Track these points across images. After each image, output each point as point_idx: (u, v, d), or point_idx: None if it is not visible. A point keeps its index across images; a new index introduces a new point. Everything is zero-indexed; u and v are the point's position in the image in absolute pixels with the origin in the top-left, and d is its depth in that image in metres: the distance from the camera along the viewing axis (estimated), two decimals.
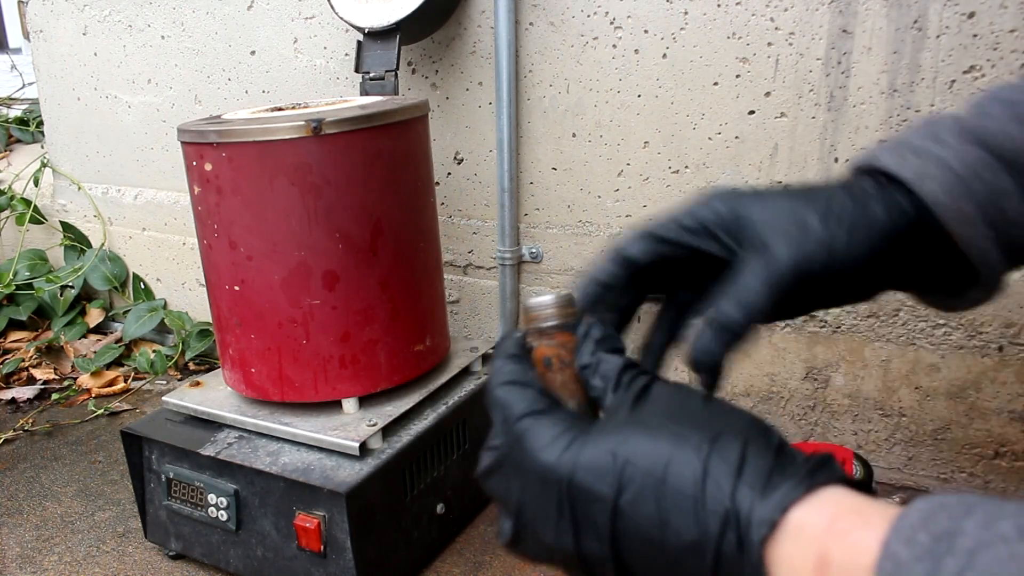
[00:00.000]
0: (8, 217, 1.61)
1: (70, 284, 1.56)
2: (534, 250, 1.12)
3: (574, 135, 1.05)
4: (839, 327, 0.96)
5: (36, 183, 1.62)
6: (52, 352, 1.50)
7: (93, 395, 1.37)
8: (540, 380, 0.40)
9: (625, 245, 0.42)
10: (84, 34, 1.45)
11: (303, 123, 0.74)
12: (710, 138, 0.97)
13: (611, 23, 0.99)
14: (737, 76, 0.94)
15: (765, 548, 0.30)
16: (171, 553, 0.91)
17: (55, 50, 1.50)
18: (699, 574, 0.31)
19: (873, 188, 0.42)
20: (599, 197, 1.06)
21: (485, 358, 0.99)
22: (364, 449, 0.79)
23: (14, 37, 2.07)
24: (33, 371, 1.45)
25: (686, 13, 0.95)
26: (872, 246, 0.40)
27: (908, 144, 0.42)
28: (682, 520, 0.31)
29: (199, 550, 0.87)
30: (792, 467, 0.32)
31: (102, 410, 1.30)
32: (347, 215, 0.78)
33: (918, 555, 0.26)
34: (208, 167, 0.77)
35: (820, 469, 0.32)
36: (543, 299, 0.41)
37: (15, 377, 1.44)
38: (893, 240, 0.41)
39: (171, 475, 0.86)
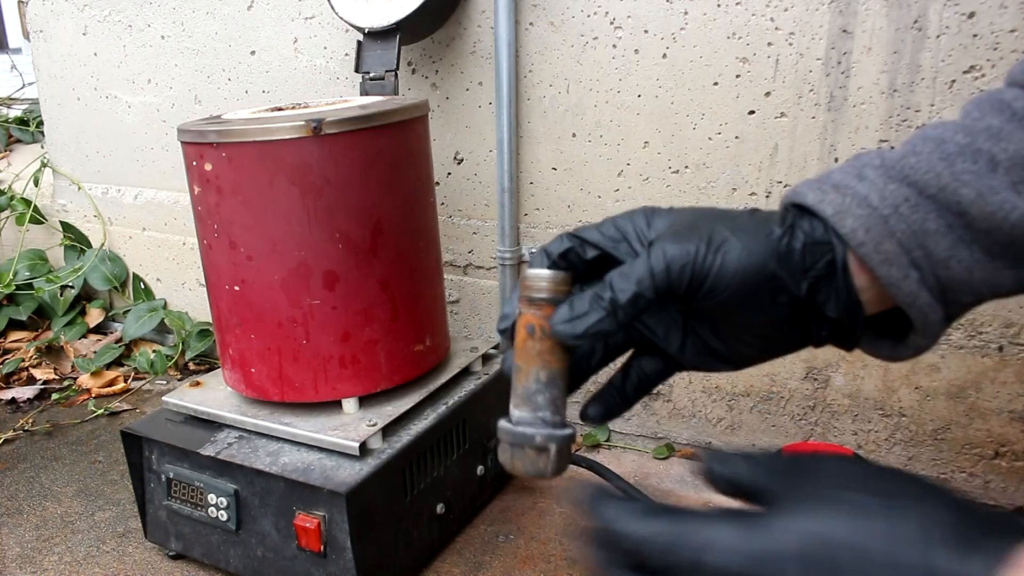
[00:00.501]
0: (8, 217, 1.61)
1: (70, 284, 1.56)
2: (534, 250, 1.12)
3: (574, 135, 1.05)
4: None
5: (36, 183, 1.62)
6: (52, 352, 1.50)
7: (93, 395, 1.37)
8: (519, 348, 0.42)
9: (549, 244, 0.44)
10: (84, 34, 1.45)
11: (303, 123, 0.74)
12: (710, 138, 0.97)
13: (611, 23, 0.99)
14: (737, 76, 0.94)
15: None
16: (171, 553, 0.91)
17: (55, 50, 1.50)
18: None
19: (781, 214, 0.42)
20: (599, 197, 1.06)
21: (485, 358, 0.99)
22: (364, 449, 0.79)
23: (14, 37, 2.07)
24: (33, 371, 1.45)
25: (686, 13, 0.95)
26: (760, 260, 0.40)
27: (831, 179, 0.42)
28: None
29: (199, 550, 0.87)
30: (989, 528, 0.30)
31: (102, 410, 1.30)
32: (347, 215, 0.78)
33: None
34: (208, 167, 0.77)
35: (1010, 527, 0.30)
36: (540, 272, 0.43)
37: (15, 377, 1.44)
38: (794, 265, 0.40)
39: (171, 475, 0.86)
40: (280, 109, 0.86)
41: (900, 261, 0.39)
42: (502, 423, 0.43)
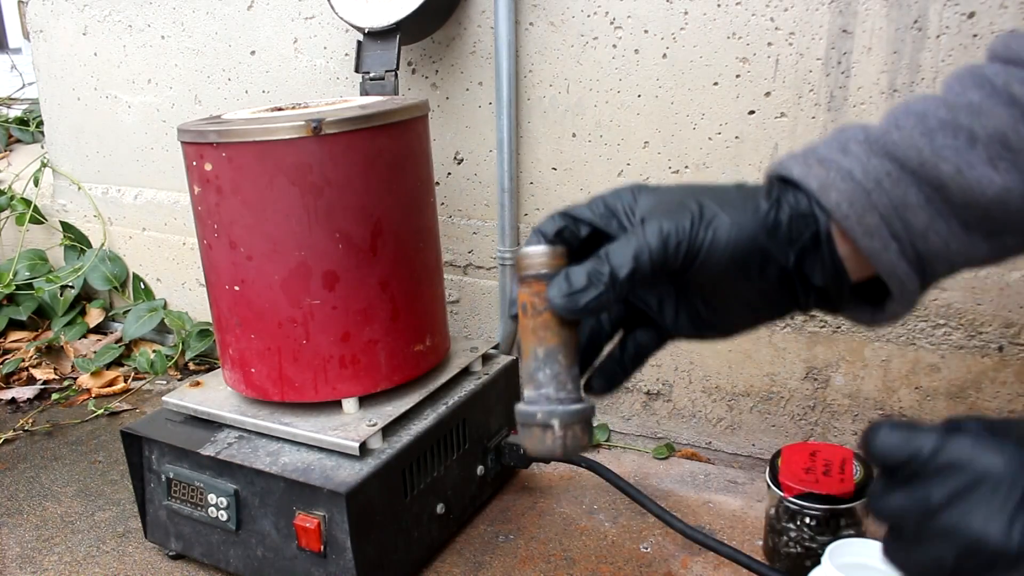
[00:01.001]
0: (8, 217, 1.61)
1: (70, 284, 1.56)
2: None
3: (574, 135, 1.05)
4: (839, 327, 0.96)
5: (36, 183, 1.62)
6: (52, 352, 1.50)
7: (93, 395, 1.37)
8: (520, 328, 0.44)
9: (542, 224, 0.45)
10: (84, 34, 1.45)
11: (303, 123, 0.74)
12: (710, 138, 0.97)
13: (611, 23, 0.99)
14: (737, 76, 0.94)
15: None
16: (171, 553, 0.91)
17: (55, 50, 1.50)
18: None
19: (766, 188, 0.44)
20: None
21: (485, 358, 0.99)
22: (364, 449, 0.79)
23: (14, 37, 2.07)
24: (33, 371, 1.45)
25: (686, 13, 0.95)
26: (750, 233, 0.42)
27: (816, 153, 0.43)
28: None
29: (199, 550, 0.87)
30: None
31: (102, 410, 1.30)
32: (347, 215, 0.78)
33: None
34: (208, 167, 0.77)
35: None
36: (532, 249, 0.43)
37: (15, 377, 1.44)
38: (781, 237, 0.42)
39: (171, 475, 0.86)
40: (280, 109, 0.86)
41: (881, 233, 0.41)
42: (517, 406, 0.44)
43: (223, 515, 0.83)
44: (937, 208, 0.41)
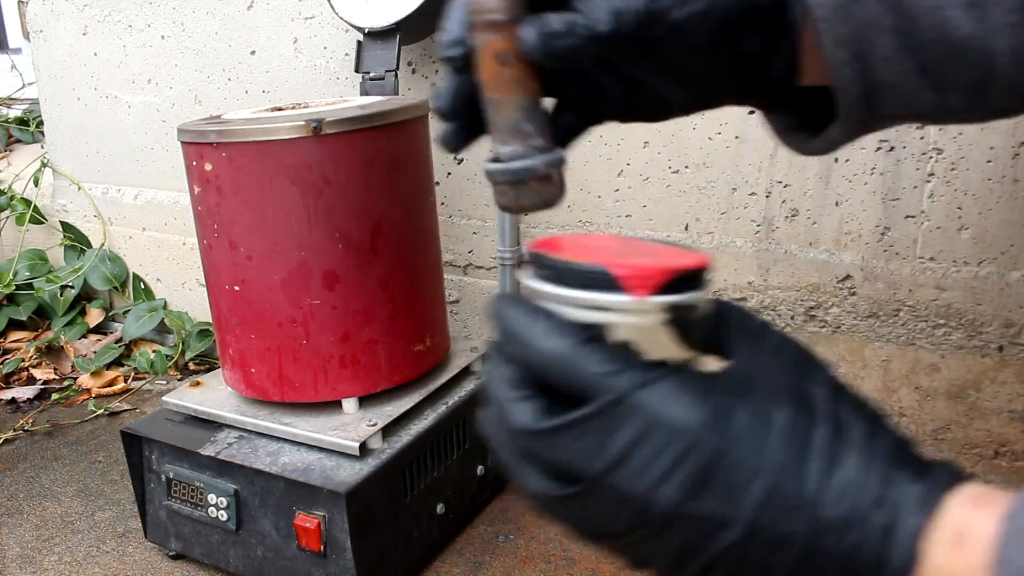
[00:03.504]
0: (8, 217, 1.61)
1: (70, 284, 1.56)
2: None
3: None
4: (839, 327, 0.96)
5: (36, 183, 1.62)
6: (52, 352, 1.50)
7: (93, 395, 1.37)
8: (492, 80, 0.40)
9: None
10: (84, 34, 1.45)
11: (303, 123, 0.74)
12: (710, 138, 0.97)
13: None
14: None
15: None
16: (171, 553, 0.91)
17: (55, 50, 1.50)
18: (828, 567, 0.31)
19: None
20: (599, 197, 1.06)
21: (485, 358, 0.99)
22: (364, 449, 0.79)
23: (14, 37, 2.06)
24: (33, 371, 1.45)
25: None
26: (736, 10, 0.41)
27: None
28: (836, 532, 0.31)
29: (199, 550, 0.87)
30: (930, 473, 0.32)
31: (102, 410, 1.30)
32: (347, 215, 0.78)
33: None
34: (208, 167, 0.77)
35: (950, 473, 0.32)
36: None
37: (15, 377, 1.44)
38: (758, 22, 0.42)
39: (171, 475, 0.86)
40: (280, 109, 0.86)
41: (849, 48, 0.41)
42: (492, 166, 0.41)
43: (223, 515, 0.83)
44: (904, 40, 0.41)
